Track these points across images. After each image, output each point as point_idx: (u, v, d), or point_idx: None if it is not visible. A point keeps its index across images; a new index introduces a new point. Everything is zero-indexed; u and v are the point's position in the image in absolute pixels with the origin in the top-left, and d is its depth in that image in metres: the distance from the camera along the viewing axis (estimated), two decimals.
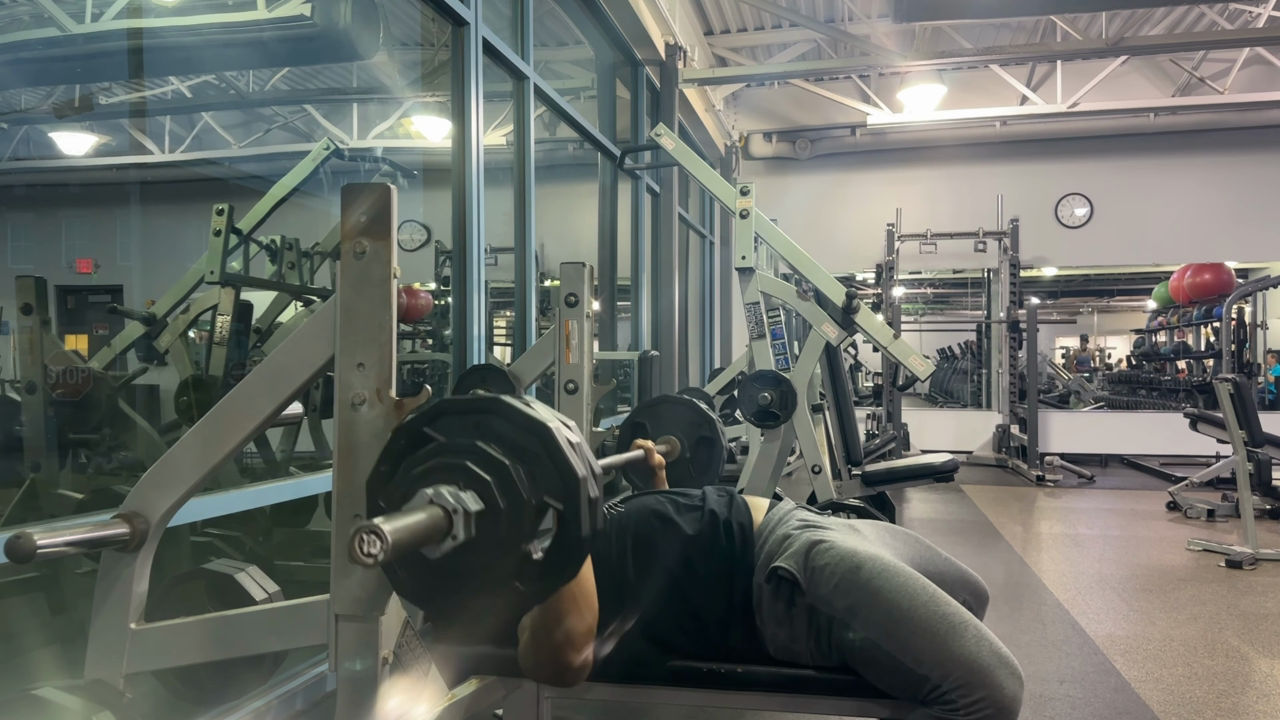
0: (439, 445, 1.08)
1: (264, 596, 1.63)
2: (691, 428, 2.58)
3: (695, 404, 2.63)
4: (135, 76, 4.20)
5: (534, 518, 1.05)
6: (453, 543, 1.01)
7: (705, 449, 2.58)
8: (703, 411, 2.60)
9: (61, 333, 4.49)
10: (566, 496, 1.06)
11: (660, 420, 2.59)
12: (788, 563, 1.59)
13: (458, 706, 1.50)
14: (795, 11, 7.38)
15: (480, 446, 1.07)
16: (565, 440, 1.08)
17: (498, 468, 1.05)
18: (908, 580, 1.52)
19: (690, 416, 2.60)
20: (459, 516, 1.01)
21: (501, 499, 1.04)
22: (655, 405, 2.67)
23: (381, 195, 1.21)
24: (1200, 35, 7.48)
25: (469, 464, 1.05)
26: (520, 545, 1.05)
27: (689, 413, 2.61)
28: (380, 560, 0.90)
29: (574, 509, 1.06)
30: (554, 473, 1.06)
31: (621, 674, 1.65)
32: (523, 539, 1.05)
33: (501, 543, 1.04)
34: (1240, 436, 4.69)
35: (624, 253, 6.24)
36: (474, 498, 1.03)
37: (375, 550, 0.89)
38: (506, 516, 1.04)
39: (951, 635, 1.46)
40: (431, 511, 1.00)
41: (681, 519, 1.69)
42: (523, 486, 1.05)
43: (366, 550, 0.89)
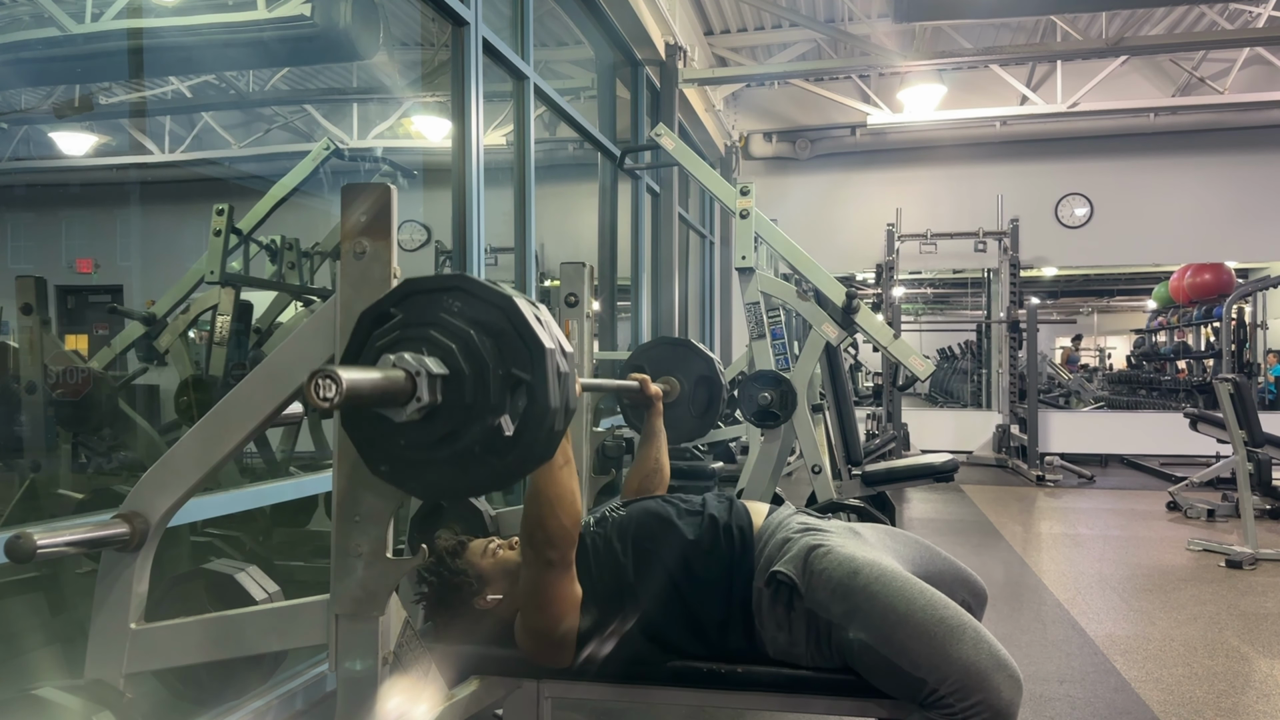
0: (403, 318, 1.08)
1: (264, 596, 1.63)
2: (690, 368, 2.56)
3: (693, 344, 2.61)
4: (135, 76, 4.20)
5: (501, 388, 1.04)
6: (417, 404, 1.01)
7: (705, 389, 2.56)
8: (701, 352, 2.58)
9: (61, 333, 4.49)
10: (533, 367, 1.05)
11: (659, 362, 2.56)
12: (786, 567, 1.59)
13: (458, 706, 1.50)
14: (795, 11, 7.38)
15: (444, 317, 1.07)
16: (531, 314, 1.08)
17: (461, 335, 1.05)
18: (905, 584, 1.52)
19: (689, 357, 2.58)
20: (422, 379, 1.00)
21: (465, 365, 1.04)
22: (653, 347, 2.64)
23: (381, 195, 1.21)
24: (1200, 35, 7.47)
25: (432, 333, 1.06)
26: (488, 415, 1.04)
27: (688, 353, 2.59)
28: (335, 404, 0.88)
29: (541, 378, 1.05)
30: (520, 345, 1.06)
31: (621, 674, 1.65)
32: (490, 409, 1.04)
33: (468, 409, 1.04)
34: (1240, 436, 4.69)
35: (624, 253, 6.24)
36: (437, 363, 1.03)
37: (330, 394, 0.88)
38: (471, 382, 1.03)
39: (949, 639, 1.45)
40: (392, 372, 0.99)
41: (682, 523, 1.70)
42: (487, 354, 1.05)
43: (322, 394, 0.88)
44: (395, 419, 1.02)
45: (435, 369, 1.02)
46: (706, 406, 2.56)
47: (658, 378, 2.49)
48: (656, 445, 2.22)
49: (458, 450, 1.05)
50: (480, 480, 1.07)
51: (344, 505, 1.23)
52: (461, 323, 1.06)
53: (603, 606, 1.62)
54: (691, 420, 2.55)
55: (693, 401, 2.56)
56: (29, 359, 2.61)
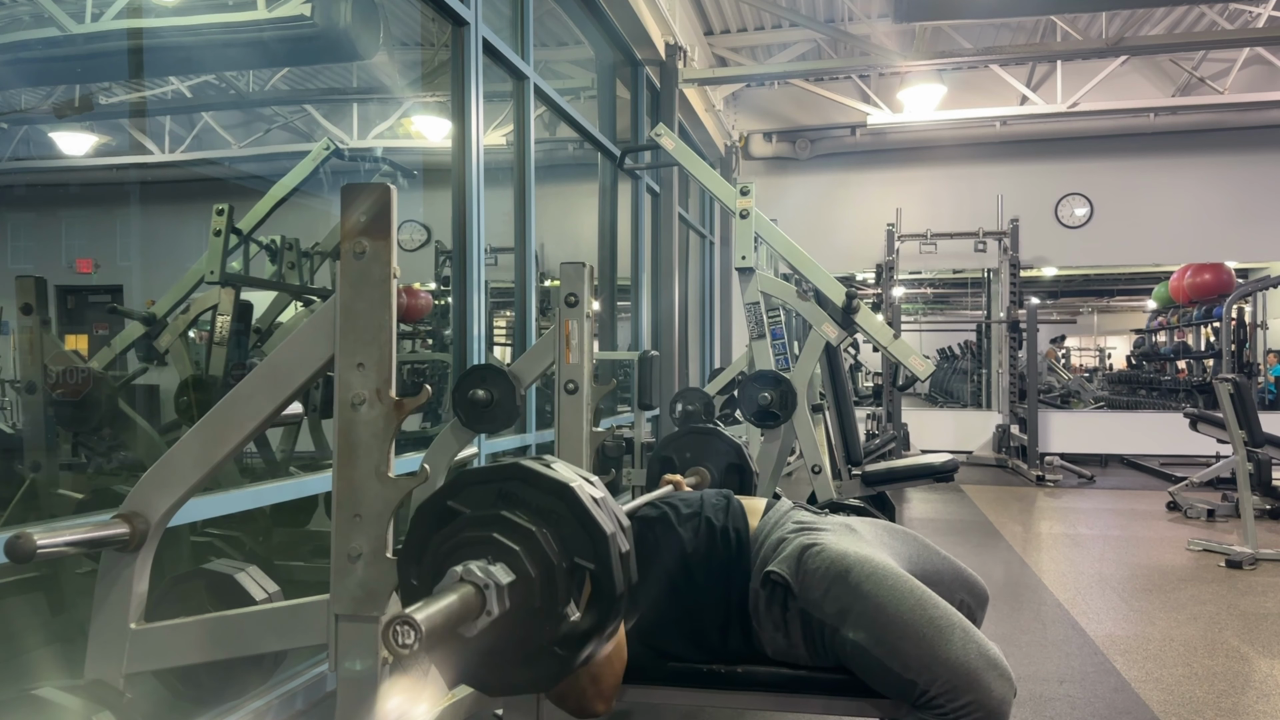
0: (465, 518, 1.07)
1: (264, 596, 1.63)
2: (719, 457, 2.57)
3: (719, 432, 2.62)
4: (135, 76, 4.20)
5: (566, 581, 1.04)
6: (488, 618, 1.00)
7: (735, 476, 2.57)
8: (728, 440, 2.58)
9: (61, 333, 4.49)
10: (597, 556, 1.05)
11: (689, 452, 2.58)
12: (780, 567, 1.59)
13: (458, 706, 1.50)
14: (795, 11, 7.37)
15: (505, 515, 1.05)
16: (589, 498, 1.07)
17: (525, 535, 1.04)
18: (896, 583, 1.52)
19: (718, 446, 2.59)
20: (491, 591, 0.99)
21: (532, 567, 1.03)
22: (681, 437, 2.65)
23: (381, 195, 1.21)
24: (1200, 35, 7.47)
25: (496, 535, 1.04)
26: (555, 611, 1.03)
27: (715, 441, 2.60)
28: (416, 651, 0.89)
29: (606, 567, 1.05)
30: (582, 533, 1.06)
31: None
32: (557, 604, 1.03)
33: (536, 611, 1.03)
34: (1240, 436, 4.69)
35: (624, 253, 6.24)
36: (504, 569, 1.02)
37: (410, 641, 0.88)
38: (539, 584, 1.03)
39: (938, 639, 1.45)
40: (463, 590, 0.98)
41: (681, 528, 1.69)
42: (552, 552, 1.04)
43: (401, 642, 0.88)
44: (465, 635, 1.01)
45: (503, 578, 1.01)
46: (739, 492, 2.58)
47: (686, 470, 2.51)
48: None
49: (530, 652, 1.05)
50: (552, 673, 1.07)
51: (344, 505, 1.23)
52: (523, 518, 1.05)
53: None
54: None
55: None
56: (29, 359, 2.61)
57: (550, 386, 2.33)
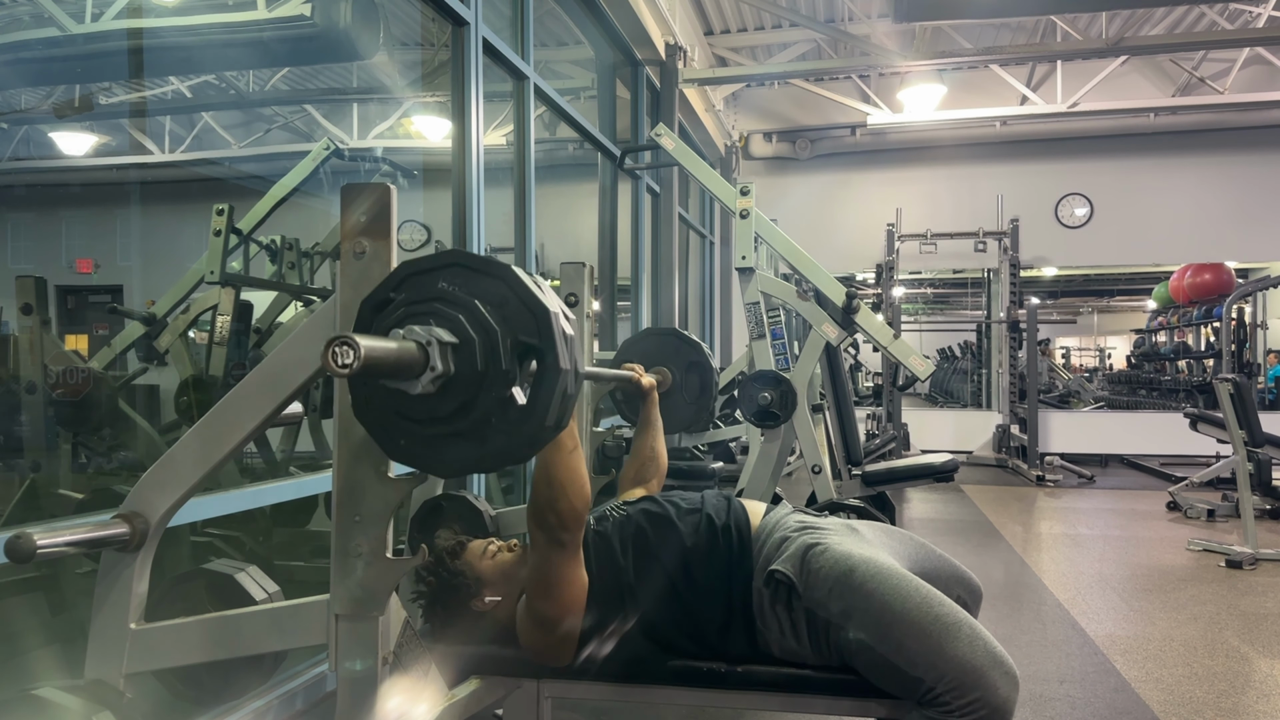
0: (404, 298, 1.08)
1: (264, 596, 1.63)
2: (679, 356, 2.58)
3: (680, 332, 2.65)
4: (135, 76, 4.20)
5: (511, 353, 1.04)
6: (432, 374, 1.01)
7: (696, 374, 2.58)
8: (689, 339, 2.61)
9: (61, 333, 4.49)
10: (540, 330, 1.05)
11: (648, 355, 2.59)
12: (784, 566, 1.59)
13: (458, 706, 1.50)
14: (795, 11, 7.38)
15: (445, 289, 1.06)
16: (530, 280, 1.08)
17: (466, 306, 1.05)
18: (901, 582, 1.52)
19: (677, 346, 2.61)
20: (433, 348, 1.00)
21: (474, 333, 1.03)
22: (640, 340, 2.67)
23: (381, 195, 1.21)
24: (1200, 35, 7.47)
25: (437, 306, 1.05)
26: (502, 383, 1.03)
27: (675, 342, 2.62)
28: (354, 369, 0.89)
29: (549, 341, 1.05)
30: (524, 310, 1.06)
31: (621, 674, 1.65)
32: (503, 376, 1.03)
33: (482, 376, 1.03)
34: (1240, 436, 4.69)
35: (624, 253, 6.24)
36: (446, 332, 1.03)
37: (349, 360, 0.89)
38: (481, 348, 1.03)
39: (945, 637, 1.46)
40: (404, 343, 0.99)
41: (681, 524, 1.69)
42: (494, 320, 1.04)
43: (341, 361, 0.89)
44: (410, 391, 1.02)
45: (445, 337, 1.02)
46: (700, 392, 2.59)
47: (649, 369, 2.50)
48: (652, 434, 2.22)
49: (474, 421, 1.04)
50: (498, 451, 1.05)
51: (344, 505, 1.23)
52: (464, 294, 1.06)
53: (602, 606, 1.62)
54: (687, 406, 2.57)
55: (686, 389, 2.58)
56: (29, 359, 2.61)
57: None
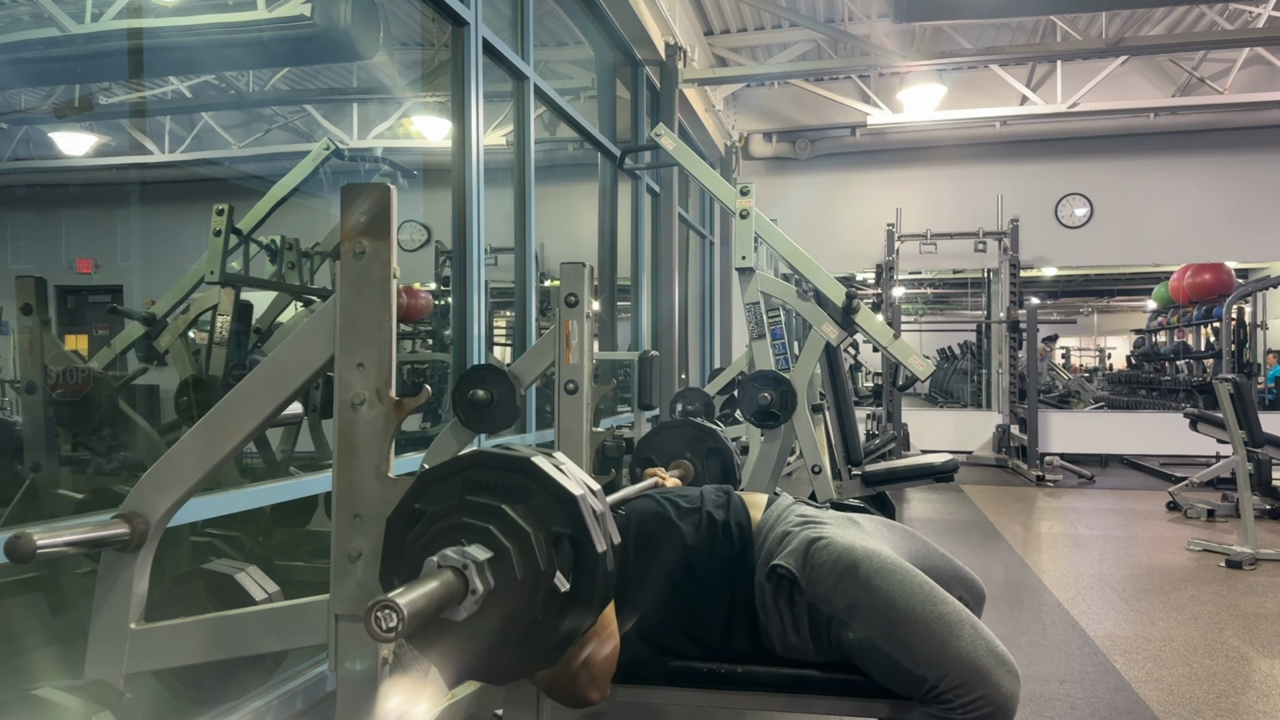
0: (432, 513, 1.08)
1: (264, 596, 1.63)
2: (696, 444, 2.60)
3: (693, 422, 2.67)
4: (135, 76, 4.19)
5: (546, 550, 1.05)
6: (474, 597, 1.00)
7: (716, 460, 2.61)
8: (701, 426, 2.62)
9: (61, 333, 4.49)
10: (570, 520, 1.06)
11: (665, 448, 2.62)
12: (786, 561, 1.58)
13: (458, 706, 1.50)
14: (795, 11, 7.37)
15: (471, 500, 1.07)
16: (551, 467, 1.08)
17: (494, 512, 1.05)
18: (905, 578, 1.52)
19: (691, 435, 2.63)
20: (470, 570, 1.00)
21: (507, 540, 1.04)
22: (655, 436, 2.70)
23: (381, 195, 1.21)
24: (1200, 35, 7.47)
25: (465, 519, 1.05)
26: (541, 581, 1.04)
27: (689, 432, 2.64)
28: (400, 632, 0.88)
29: (581, 528, 1.06)
30: (551, 502, 1.06)
31: (621, 674, 1.64)
32: (542, 574, 1.04)
33: (521, 583, 1.03)
34: (1240, 436, 4.69)
35: (624, 253, 6.24)
36: (480, 548, 1.03)
37: (393, 624, 0.88)
38: (517, 555, 1.03)
39: (948, 634, 1.45)
40: (442, 575, 0.99)
41: (682, 523, 1.69)
42: (524, 521, 1.05)
43: (385, 627, 0.88)
44: (454, 619, 1.01)
45: (480, 555, 1.02)
46: (723, 478, 2.62)
47: (669, 465, 2.53)
48: None
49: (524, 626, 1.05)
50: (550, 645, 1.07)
51: (344, 505, 1.23)
52: (488, 498, 1.06)
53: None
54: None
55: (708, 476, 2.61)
56: (29, 359, 2.61)
57: (550, 386, 2.33)
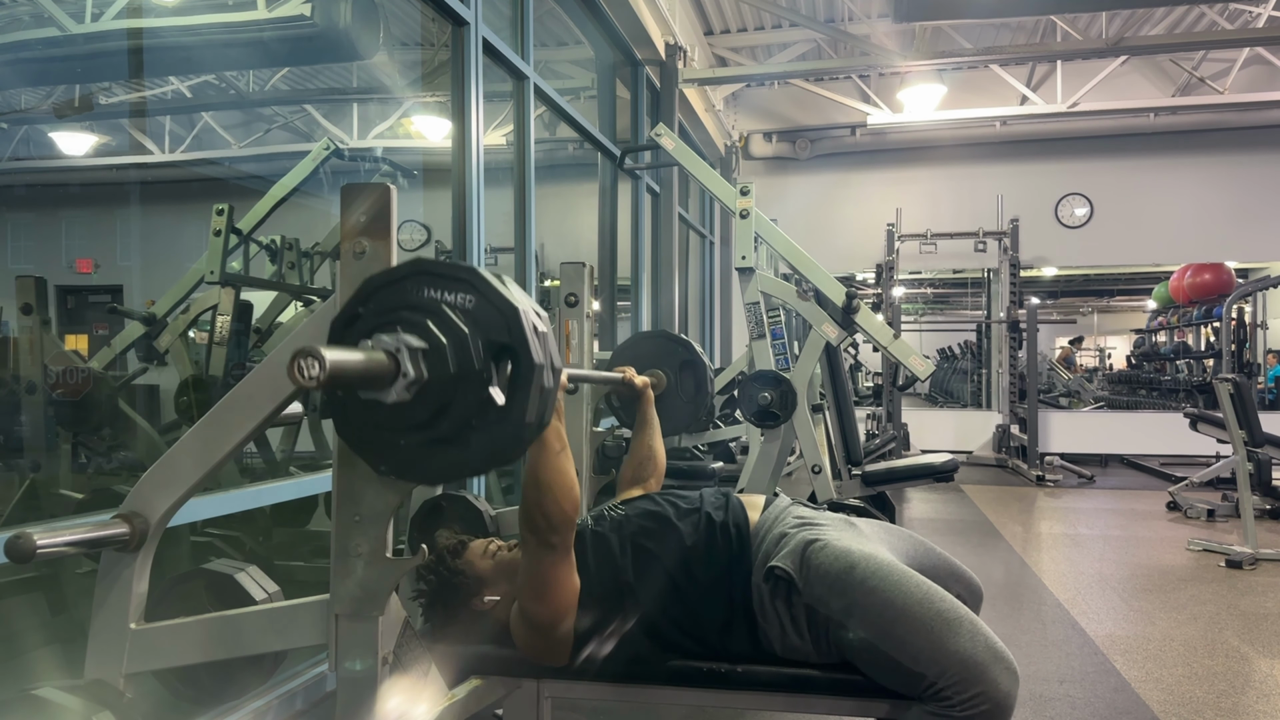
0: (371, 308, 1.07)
1: (264, 596, 1.63)
2: (671, 357, 2.59)
3: (669, 333, 2.67)
4: (135, 76, 4.20)
5: (484, 356, 1.03)
6: (405, 380, 0.99)
7: (690, 373, 2.59)
8: (679, 339, 2.63)
9: (61, 333, 4.49)
10: (510, 329, 1.03)
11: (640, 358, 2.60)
12: (783, 562, 1.59)
13: (458, 706, 1.50)
14: (795, 11, 7.38)
15: (411, 298, 1.05)
16: (496, 279, 1.06)
17: (431, 309, 1.03)
18: (902, 578, 1.52)
19: (668, 346, 2.62)
20: (403, 354, 0.99)
21: (443, 336, 1.02)
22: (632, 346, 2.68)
23: (381, 195, 1.21)
24: (1200, 35, 7.47)
25: (403, 313, 1.04)
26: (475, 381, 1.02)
27: (667, 344, 2.63)
28: (320, 380, 0.88)
29: (521, 338, 1.03)
30: (493, 310, 1.04)
31: (621, 674, 1.65)
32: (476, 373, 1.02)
33: (456, 379, 1.02)
34: (1240, 436, 4.69)
35: (624, 253, 6.24)
36: (415, 338, 1.01)
37: (315, 372, 0.88)
38: (453, 351, 1.02)
39: (946, 632, 1.46)
40: (372, 353, 0.98)
41: (681, 524, 1.69)
42: (463, 323, 1.03)
43: (306, 374, 0.88)
44: (385, 400, 1.00)
45: (414, 343, 1.01)
46: (696, 390, 2.59)
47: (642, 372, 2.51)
48: (649, 432, 2.22)
49: (454, 425, 1.03)
50: (482, 454, 1.04)
51: (344, 505, 1.23)
52: (430, 299, 1.05)
53: (601, 606, 1.62)
54: (685, 406, 2.58)
55: (681, 389, 2.58)
56: (29, 359, 2.61)
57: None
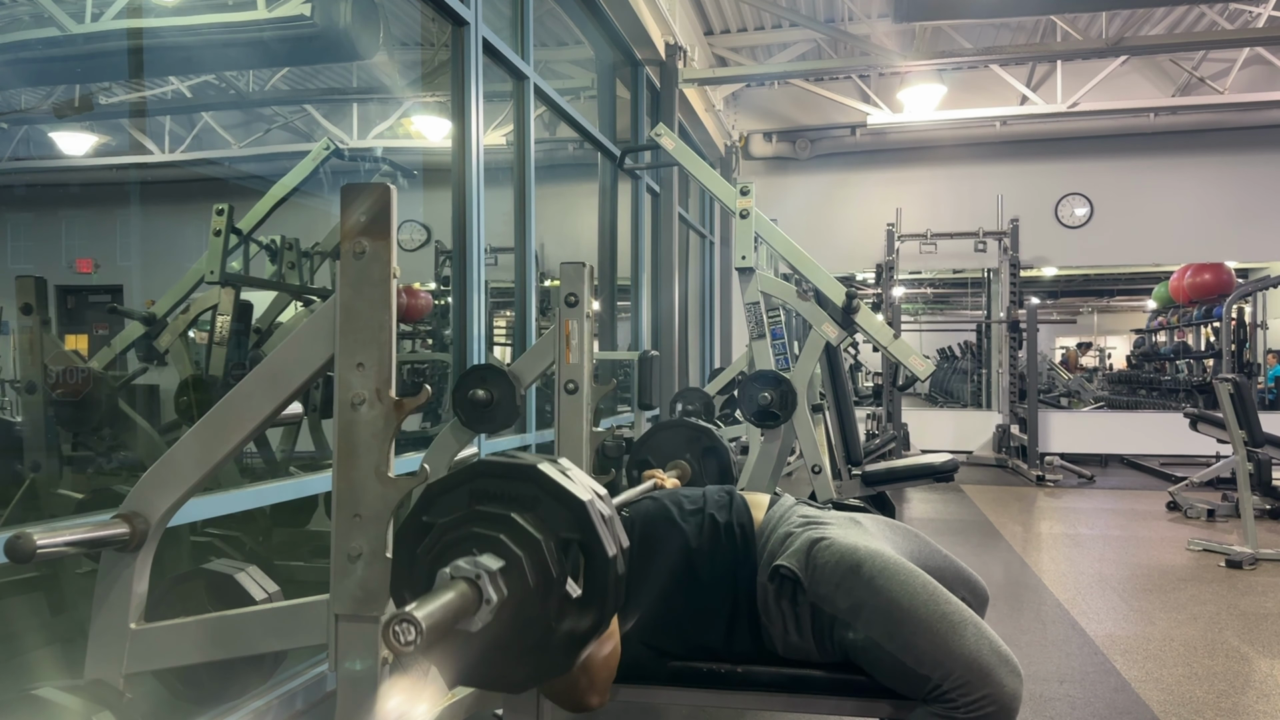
0: (441, 525, 1.09)
1: (264, 596, 1.63)
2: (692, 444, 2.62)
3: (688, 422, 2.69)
4: (135, 76, 4.19)
5: (557, 556, 1.05)
6: (488, 607, 1.01)
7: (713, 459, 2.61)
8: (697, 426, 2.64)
9: (61, 333, 4.49)
10: (579, 525, 1.06)
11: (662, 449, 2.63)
12: (789, 561, 1.58)
13: (458, 706, 1.50)
14: (795, 11, 7.38)
15: (479, 510, 1.07)
16: (558, 473, 1.09)
17: (503, 521, 1.06)
18: (908, 578, 1.52)
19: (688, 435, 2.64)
20: (484, 580, 1.01)
21: (518, 548, 1.04)
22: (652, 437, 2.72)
23: (381, 195, 1.20)
24: (1200, 35, 7.47)
25: (475, 529, 1.06)
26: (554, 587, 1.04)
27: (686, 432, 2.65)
28: (419, 645, 0.88)
29: (590, 532, 1.06)
30: (559, 508, 1.07)
31: (622, 674, 1.64)
32: (554, 580, 1.04)
33: (534, 590, 1.04)
34: (1240, 436, 4.69)
35: (624, 253, 6.24)
36: (491, 557, 1.03)
37: (411, 638, 0.88)
38: (529, 562, 1.04)
39: (952, 634, 1.46)
40: (456, 586, 0.99)
41: (685, 524, 1.69)
42: (534, 529, 1.05)
43: (403, 641, 0.88)
44: (470, 630, 1.02)
45: (492, 565, 1.02)
46: (720, 476, 2.63)
47: (666, 465, 2.53)
48: None
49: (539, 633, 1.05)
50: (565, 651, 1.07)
51: (344, 505, 1.23)
52: (497, 507, 1.07)
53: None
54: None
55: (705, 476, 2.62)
56: (29, 359, 2.61)
57: (550, 386, 2.33)
